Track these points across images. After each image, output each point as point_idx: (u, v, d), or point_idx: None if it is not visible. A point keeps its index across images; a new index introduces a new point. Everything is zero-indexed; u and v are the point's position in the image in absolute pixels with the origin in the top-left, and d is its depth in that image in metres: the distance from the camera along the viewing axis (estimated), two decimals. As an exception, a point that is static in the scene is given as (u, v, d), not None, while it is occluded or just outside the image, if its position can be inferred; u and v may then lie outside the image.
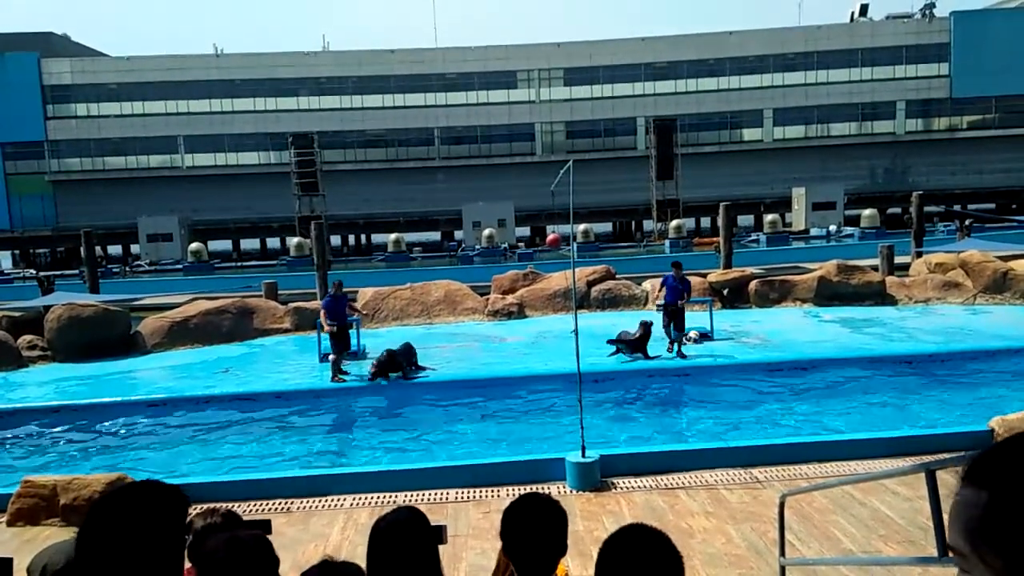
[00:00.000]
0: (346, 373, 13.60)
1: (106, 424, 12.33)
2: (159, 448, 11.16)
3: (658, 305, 14.83)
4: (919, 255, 23.27)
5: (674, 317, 14.14)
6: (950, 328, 15.97)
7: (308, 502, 7.82)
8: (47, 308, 18.29)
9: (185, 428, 11.99)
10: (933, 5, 55.07)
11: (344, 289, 14.49)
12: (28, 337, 17.64)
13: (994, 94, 53.40)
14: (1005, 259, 20.34)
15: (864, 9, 57.32)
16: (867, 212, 42.78)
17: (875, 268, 21.88)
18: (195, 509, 2.38)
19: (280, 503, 7.81)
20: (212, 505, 2.39)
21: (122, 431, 12.01)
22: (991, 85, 52.67)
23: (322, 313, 13.84)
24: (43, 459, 10.85)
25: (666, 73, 55.09)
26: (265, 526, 2.97)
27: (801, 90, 54.58)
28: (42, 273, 32.45)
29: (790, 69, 54.77)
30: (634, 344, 13.99)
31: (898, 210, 50.58)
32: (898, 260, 23.27)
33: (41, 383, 14.99)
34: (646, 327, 14.02)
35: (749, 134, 55.78)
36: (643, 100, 54.75)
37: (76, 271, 35.63)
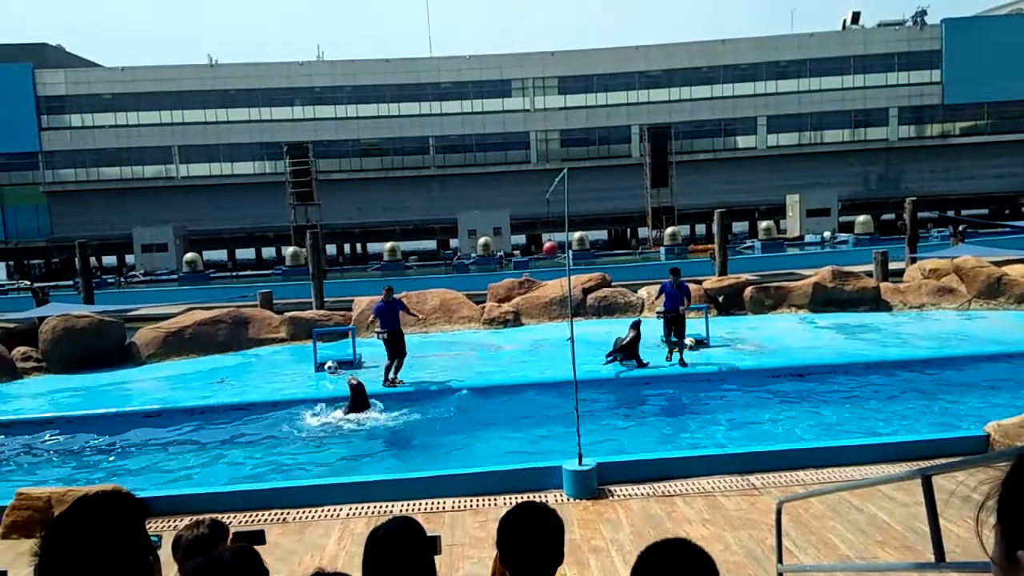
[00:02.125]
0: (399, 381, 13.66)
1: (101, 435, 12.27)
2: (154, 459, 11.11)
3: (658, 313, 14.81)
4: (913, 261, 23.34)
5: (675, 324, 14.10)
6: (945, 333, 16.00)
7: (304, 512, 7.78)
8: (41, 319, 18.24)
9: (180, 439, 11.94)
10: (924, 13, 55.42)
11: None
12: (22, 348, 17.57)
13: (986, 100, 53.68)
14: (999, 264, 20.41)
15: (856, 17, 57.64)
16: (861, 218, 42.91)
17: (870, 274, 21.95)
18: (183, 521, 2.37)
19: (276, 514, 7.77)
20: (198, 517, 2.38)
21: (117, 442, 11.95)
22: (983, 91, 52.96)
23: (371, 318, 14.17)
24: (37, 471, 10.80)
25: (660, 81, 55.25)
26: (259, 537, 2.95)
27: (794, 97, 54.80)
28: (36, 284, 32.35)
29: (783, 76, 55.00)
30: (627, 349, 13.95)
31: (892, 216, 50.76)
32: (892, 266, 23.34)
33: (35, 395, 14.93)
34: (636, 328, 13.97)
35: (743, 141, 55.96)
36: (637, 108, 54.90)
37: (71, 282, 35.52)
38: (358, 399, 12.47)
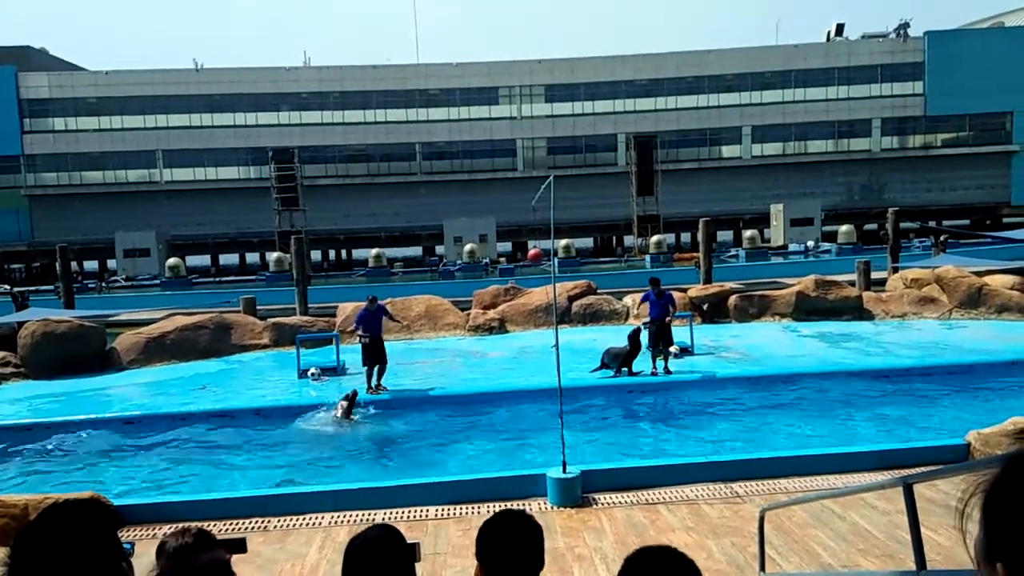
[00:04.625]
0: (383, 388, 13.57)
1: (80, 442, 12.13)
2: (134, 466, 10.99)
3: (644, 323, 14.82)
4: (895, 270, 23.56)
5: (661, 333, 14.12)
6: (926, 343, 16.14)
7: (285, 520, 7.71)
8: (21, 324, 18.01)
9: (161, 445, 11.82)
10: (907, 25, 56.08)
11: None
12: (1, 354, 17.34)
13: (968, 112, 54.33)
14: (980, 274, 20.63)
15: (840, 29, 58.24)
16: (844, 228, 43.28)
17: (852, 283, 22.12)
18: (167, 529, 2.34)
19: (257, 522, 7.69)
20: (184, 525, 2.35)
21: (96, 449, 11.81)
22: (964, 103, 53.59)
23: (354, 325, 14.19)
24: (15, 478, 10.64)
25: (646, 90, 55.57)
26: (240, 545, 2.92)
27: (779, 108, 55.25)
28: (16, 289, 31.98)
29: (768, 87, 55.45)
30: (624, 357, 13.93)
31: (874, 226, 51.19)
32: (875, 275, 23.55)
33: (14, 400, 14.73)
34: (634, 338, 13.92)
35: (728, 151, 56.33)
36: (623, 117, 55.15)
37: (51, 287, 35.16)
38: (349, 408, 12.45)
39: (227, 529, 7.42)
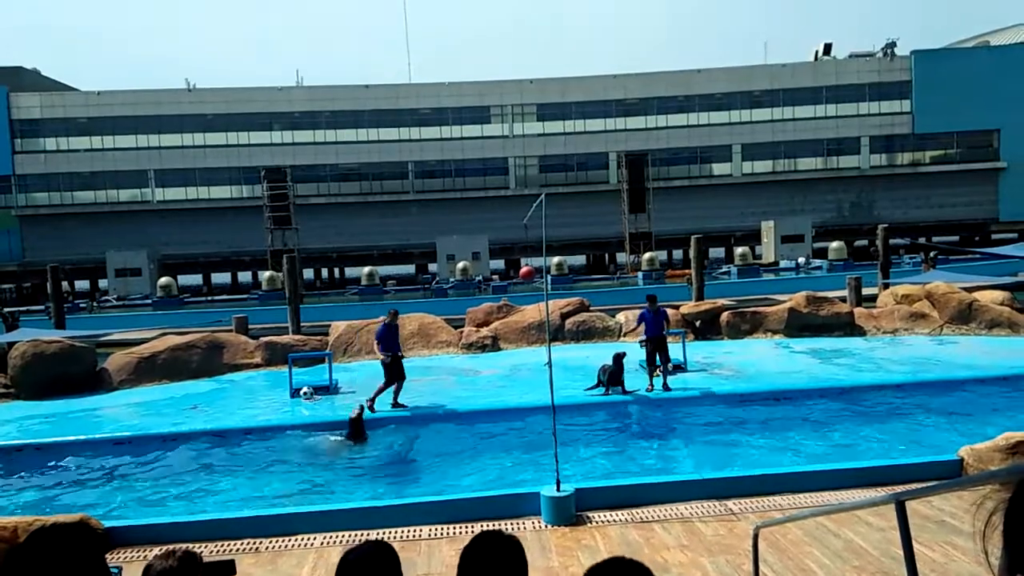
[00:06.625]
0: (402, 405, 13.58)
1: (70, 464, 12.02)
2: (125, 488, 10.89)
3: (640, 341, 14.84)
4: (886, 286, 23.67)
5: (659, 349, 14.14)
6: (918, 358, 16.19)
7: (277, 542, 7.65)
8: (11, 345, 17.91)
9: (152, 467, 11.73)
10: (894, 44, 56.73)
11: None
12: (-10, 374, 17.22)
13: (955, 130, 54.92)
14: (969, 290, 20.75)
15: (828, 48, 58.89)
16: (834, 244, 43.51)
17: (843, 299, 22.21)
18: (157, 551, 2.33)
19: (248, 543, 7.63)
20: (171, 547, 2.33)
21: (87, 470, 11.71)
22: (952, 121, 54.20)
23: (375, 344, 13.94)
24: (4, 500, 10.53)
25: (637, 109, 55.98)
26: (229, 567, 2.90)
27: (768, 126, 55.71)
28: (7, 309, 31.79)
29: (757, 106, 55.94)
30: (612, 377, 13.94)
31: (865, 243, 51.52)
32: (865, 292, 23.65)
33: (4, 421, 14.61)
34: (617, 361, 13.92)
35: (718, 168, 56.70)
36: (615, 135, 55.51)
37: (42, 307, 34.96)
38: (356, 428, 12.37)
39: (218, 550, 7.36)
